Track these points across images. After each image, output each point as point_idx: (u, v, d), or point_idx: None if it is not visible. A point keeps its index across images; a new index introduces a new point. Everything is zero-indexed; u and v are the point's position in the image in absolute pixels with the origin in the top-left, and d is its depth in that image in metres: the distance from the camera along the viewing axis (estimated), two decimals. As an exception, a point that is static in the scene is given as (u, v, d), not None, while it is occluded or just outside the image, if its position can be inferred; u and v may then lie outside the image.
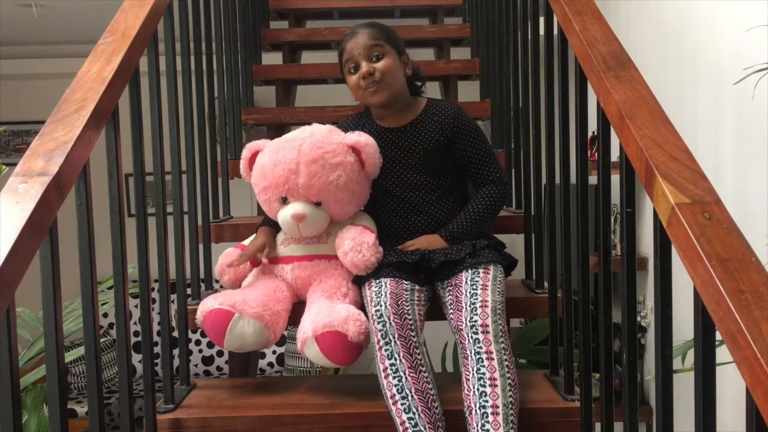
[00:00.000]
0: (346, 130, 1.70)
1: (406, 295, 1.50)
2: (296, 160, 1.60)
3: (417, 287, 1.54)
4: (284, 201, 1.64)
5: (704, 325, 0.91)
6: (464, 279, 1.52)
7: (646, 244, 2.63)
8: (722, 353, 0.92)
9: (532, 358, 3.08)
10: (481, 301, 1.45)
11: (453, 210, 1.69)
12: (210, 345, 4.30)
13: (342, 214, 1.66)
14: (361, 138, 1.64)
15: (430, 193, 1.68)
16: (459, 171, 1.73)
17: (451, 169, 1.71)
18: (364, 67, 1.64)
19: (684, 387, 1.27)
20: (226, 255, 1.71)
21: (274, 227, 1.72)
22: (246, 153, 1.72)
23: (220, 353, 4.30)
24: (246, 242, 1.76)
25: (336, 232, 1.64)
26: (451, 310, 1.51)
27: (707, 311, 0.87)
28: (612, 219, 2.37)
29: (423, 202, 1.67)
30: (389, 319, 1.44)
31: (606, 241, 1.31)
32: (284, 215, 1.62)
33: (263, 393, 1.65)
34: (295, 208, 1.60)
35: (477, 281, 1.50)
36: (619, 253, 1.27)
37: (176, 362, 1.70)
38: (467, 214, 1.66)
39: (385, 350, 1.42)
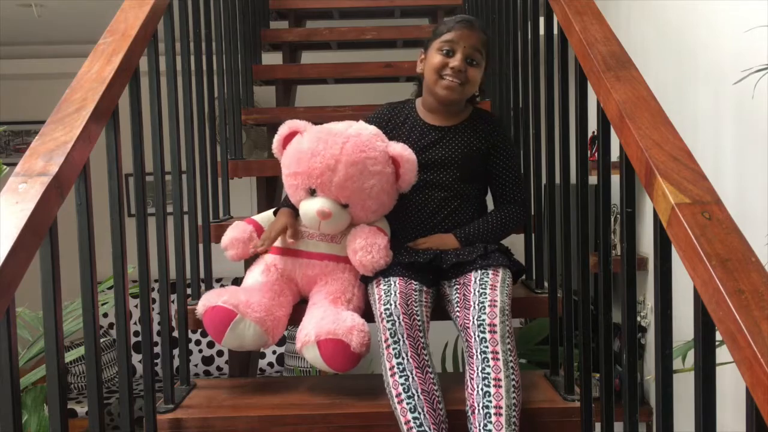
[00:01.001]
0: (386, 117, 1.70)
1: (415, 295, 1.50)
2: (337, 157, 1.56)
3: (425, 288, 1.55)
4: (312, 193, 1.61)
5: (704, 325, 0.91)
6: (473, 278, 1.52)
7: (646, 244, 2.63)
8: (722, 353, 0.92)
9: (532, 358, 3.08)
10: (490, 301, 1.45)
11: (471, 218, 1.69)
12: (210, 345, 4.30)
13: (363, 220, 1.64)
14: (405, 152, 1.61)
15: (455, 198, 1.68)
16: (485, 183, 1.75)
17: (480, 179, 1.73)
18: (460, 62, 1.63)
19: (684, 387, 1.27)
20: (235, 227, 1.68)
21: (294, 209, 1.69)
22: (284, 129, 1.68)
23: (220, 353, 4.30)
24: (257, 217, 1.74)
25: (349, 231, 1.63)
26: (458, 308, 1.50)
27: (707, 311, 0.87)
28: (612, 219, 2.37)
29: (447, 205, 1.67)
30: (399, 318, 1.44)
31: (606, 241, 1.31)
32: (309, 208, 1.59)
33: (263, 393, 1.65)
34: (322, 204, 1.58)
35: (486, 281, 1.50)
36: (619, 253, 1.27)
37: (176, 362, 1.70)
38: (486, 223, 1.67)
39: (393, 349, 1.42)
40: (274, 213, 1.74)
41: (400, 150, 1.61)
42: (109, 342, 4.15)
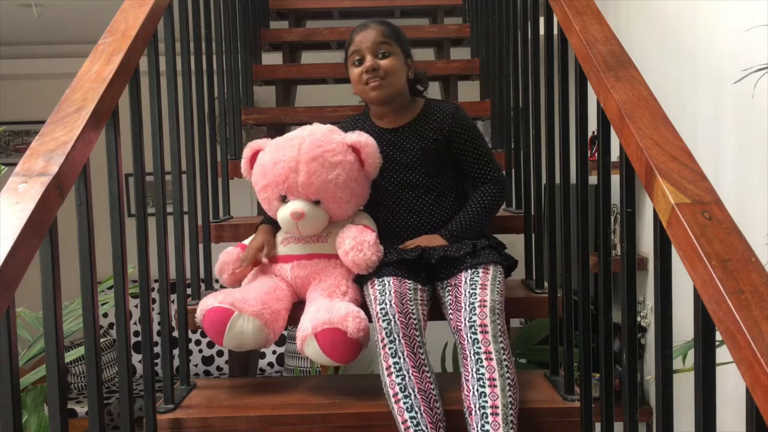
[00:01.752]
0: (345, 130, 1.71)
1: (410, 294, 1.50)
2: (296, 159, 1.60)
3: (419, 287, 1.55)
4: (284, 199, 1.64)
5: (704, 325, 0.91)
6: (464, 279, 1.52)
7: (646, 244, 2.63)
8: (722, 353, 0.92)
9: (532, 358, 3.08)
10: (480, 301, 1.45)
11: (452, 210, 1.69)
12: (210, 345, 4.30)
13: (341, 214, 1.66)
14: (361, 138, 1.64)
15: (428, 193, 1.68)
16: (457, 171, 1.73)
17: (449, 169, 1.72)
18: (369, 61, 1.65)
19: (684, 387, 1.27)
20: (226, 254, 1.72)
21: (275, 225, 1.72)
22: (247, 152, 1.73)
23: (220, 353, 4.30)
24: (247, 241, 1.76)
25: (336, 231, 1.64)
26: (451, 311, 1.51)
27: (707, 311, 0.87)
28: (612, 219, 2.37)
29: (422, 202, 1.68)
30: (394, 317, 1.44)
31: (606, 241, 1.31)
32: (283, 213, 1.62)
33: (263, 393, 1.65)
34: (293, 206, 1.61)
35: (476, 281, 1.50)
36: (619, 253, 1.27)
37: (176, 362, 1.70)
38: (466, 214, 1.66)
39: (389, 348, 1.42)
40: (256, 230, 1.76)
41: (356, 137, 1.64)
42: (109, 342, 4.15)
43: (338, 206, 1.64)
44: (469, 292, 1.48)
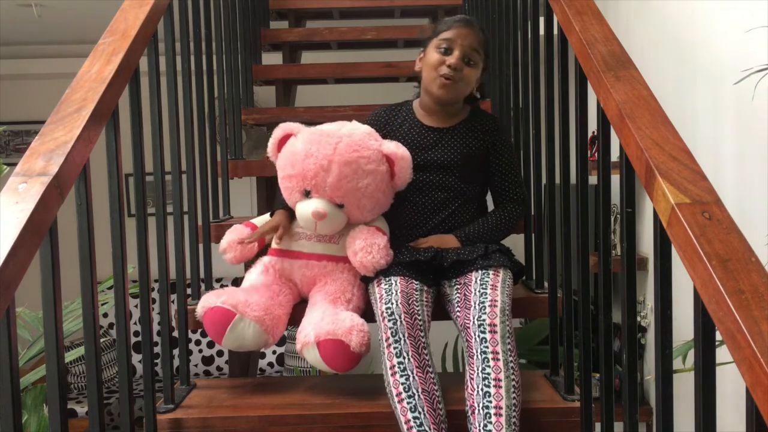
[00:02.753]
0: (384, 119, 1.70)
1: (416, 295, 1.50)
2: (330, 158, 1.56)
3: (425, 288, 1.55)
4: (307, 194, 1.61)
5: (704, 325, 0.91)
6: (474, 278, 1.52)
7: (646, 244, 2.63)
8: (722, 353, 0.92)
9: (532, 358, 3.09)
10: (491, 301, 1.45)
11: (472, 218, 1.70)
12: (210, 345, 4.30)
13: (360, 219, 1.65)
14: (399, 150, 1.61)
15: (456, 198, 1.68)
16: (485, 183, 1.75)
17: (480, 178, 1.73)
18: (456, 60, 1.63)
19: (684, 387, 1.27)
20: (233, 230, 1.69)
21: (291, 212, 1.70)
22: (278, 132, 1.68)
23: (220, 353, 4.30)
24: (255, 220, 1.74)
25: (348, 232, 1.63)
26: (458, 308, 1.51)
27: (707, 311, 0.87)
28: (612, 219, 2.37)
29: (448, 205, 1.68)
30: (400, 317, 1.44)
31: (606, 241, 1.31)
32: (305, 209, 1.60)
33: (263, 393, 1.65)
34: (317, 205, 1.58)
35: (487, 281, 1.50)
36: (619, 253, 1.27)
37: (176, 362, 1.70)
38: (486, 223, 1.68)
39: (394, 348, 1.42)
40: (271, 215, 1.74)
41: (394, 148, 1.61)
42: (109, 342, 4.15)
43: (360, 213, 1.63)
44: (479, 291, 1.48)
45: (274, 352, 4.32)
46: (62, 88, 1.23)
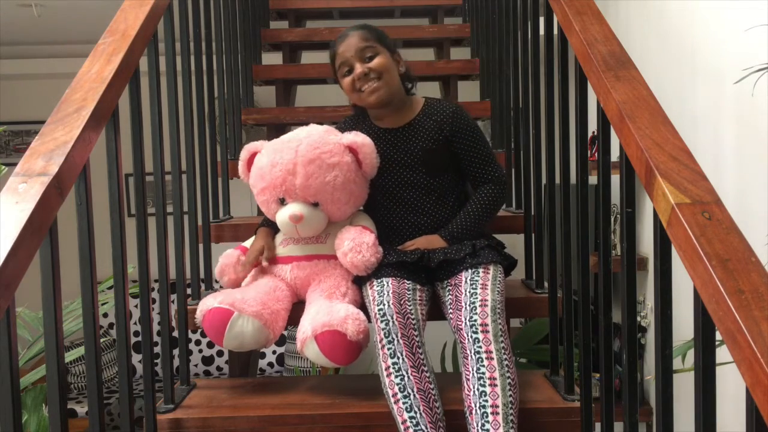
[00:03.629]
0: (343, 131, 1.70)
1: (408, 294, 1.50)
2: (293, 161, 1.60)
3: (418, 287, 1.55)
4: (282, 202, 1.64)
5: (704, 325, 0.91)
6: (464, 278, 1.52)
7: (646, 244, 2.63)
8: (722, 353, 0.92)
9: (532, 357, 3.09)
10: (481, 300, 1.45)
11: (453, 210, 1.68)
12: (210, 345, 4.30)
13: (340, 215, 1.66)
14: (358, 138, 1.63)
15: (429, 194, 1.68)
16: (458, 171, 1.72)
17: (450, 169, 1.71)
18: (359, 68, 1.64)
19: (684, 387, 1.27)
20: (226, 256, 1.72)
21: (273, 227, 1.72)
22: (244, 154, 1.72)
23: (220, 353, 4.30)
24: (246, 243, 1.76)
25: (335, 232, 1.64)
26: (451, 310, 1.51)
27: (707, 311, 0.87)
28: (612, 219, 2.37)
29: (422, 203, 1.67)
30: (392, 318, 1.44)
31: (606, 241, 1.31)
32: (282, 216, 1.62)
33: (263, 393, 1.65)
34: (292, 209, 1.60)
35: (476, 280, 1.50)
36: (619, 253, 1.27)
37: (176, 362, 1.70)
38: (466, 214, 1.66)
39: (388, 349, 1.42)
40: (256, 232, 1.75)
41: (353, 137, 1.64)
42: (109, 342, 4.15)
43: (337, 207, 1.64)
44: (469, 292, 1.48)
45: (274, 352, 4.33)
46: (62, 88, 1.23)
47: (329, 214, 1.65)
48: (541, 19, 1.71)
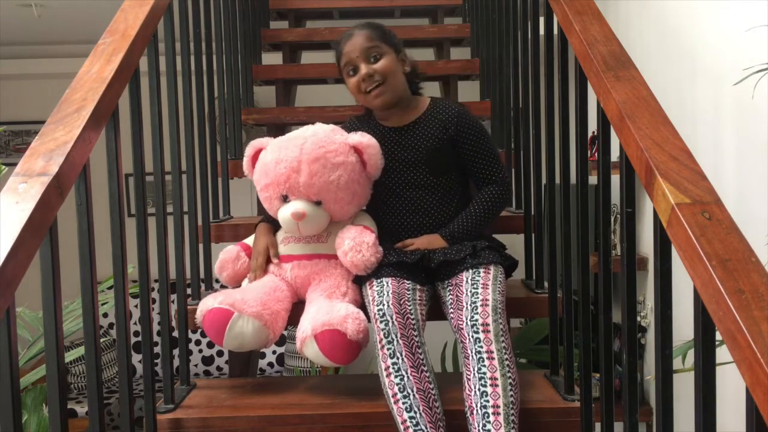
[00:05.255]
0: (349, 130, 1.70)
1: (408, 294, 1.50)
2: (298, 159, 1.60)
3: (418, 287, 1.55)
4: (285, 199, 1.64)
5: (704, 325, 0.91)
6: (465, 278, 1.52)
7: (646, 244, 2.63)
8: (722, 353, 0.92)
9: (532, 357, 3.09)
10: (482, 300, 1.45)
11: (456, 210, 1.68)
12: (210, 345, 4.30)
13: (342, 214, 1.66)
14: (363, 138, 1.63)
15: (433, 193, 1.68)
16: (462, 171, 1.72)
17: (454, 169, 1.71)
18: (364, 69, 1.64)
19: (684, 387, 1.27)
20: (226, 252, 1.72)
21: (274, 224, 1.72)
22: (249, 150, 1.72)
23: (220, 353, 4.30)
24: (248, 241, 1.76)
25: (336, 231, 1.64)
26: (452, 309, 1.51)
27: (707, 311, 0.87)
28: (612, 219, 2.37)
29: (425, 202, 1.67)
30: (392, 318, 1.44)
31: (606, 241, 1.31)
32: (284, 213, 1.62)
33: (263, 393, 1.65)
34: (295, 206, 1.60)
35: (477, 280, 1.50)
36: (619, 253, 1.27)
37: (176, 362, 1.70)
38: (468, 215, 1.66)
39: (387, 349, 1.42)
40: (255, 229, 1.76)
41: (359, 137, 1.64)
42: (109, 342, 4.15)
43: (339, 207, 1.64)
44: (470, 291, 1.48)
45: (274, 352, 4.33)
46: (62, 88, 1.23)
47: (331, 213, 1.65)
48: (541, 19, 1.71)
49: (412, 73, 1.74)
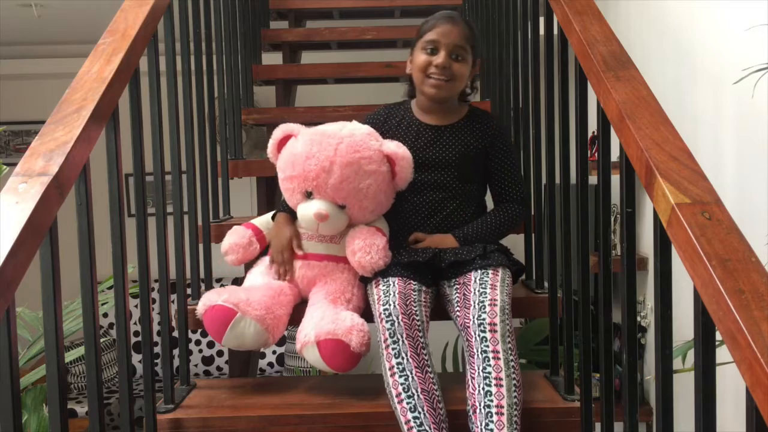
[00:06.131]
0: (383, 119, 1.69)
1: (414, 295, 1.50)
2: (331, 159, 1.56)
3: (424, 288, 1.55)
4: (308, 195, 1.61)
5: (704, 325, 0.91)
6: (473, 278, 1.52)
7: (646, 244, 2.63)
8: (722, 353, 0.92)
9: (532, 358, 3.08)
10: (491, 300, 1.45)
11: (471, 219, 1.69)
12: (210, 345, 4.30)
13: (361, 220, 1.65)
14: (399, 150, 1.61)
15: (454, 198, 1.68)
16: (484, 182, 1.75)
17: (479, 179, 1.72)
18: (443, 58, 1.63)
19: (684, 387, 1.27)
20: (234, 232, 1.70)
21: (291, 213, 1.70)
22: (278, 133, 1.68)
23: (220, 353, 4.30)
24: (255, 221, 1.74)
25: (348, 232, 1.63)
26: (458, 308, 1.50)
27: (707, 311, 0.87)
28: (612, 219, 2.37)
29: (446, 206, 1.67)
30: (398, 318, 1.44)
31: (606, 241, 1.31)
32: (307, 211, 1.60)
33: (263, 393, 1.65)
34: (319, 206, 1.58)
35: (486, 281, 1.50)
36: (619, 253, 1.27)
37: (176, 362, 1.70)
38: (485, 222, 1.67)
39: (393, 349, 1.42)
40: (273, 217, 1.74)
41: (395, 148, 1.61)
42: (109, 342, 4.15)
43: (362, 213, 1.63)
44: (479, 291, 1.48)
45: (274, 352, 4.32)
46: (62, 88, 1.23)
47: (352, 218, 1.63)
48: (541, 19, 1.71)
49: (471, 83, 1.76)
